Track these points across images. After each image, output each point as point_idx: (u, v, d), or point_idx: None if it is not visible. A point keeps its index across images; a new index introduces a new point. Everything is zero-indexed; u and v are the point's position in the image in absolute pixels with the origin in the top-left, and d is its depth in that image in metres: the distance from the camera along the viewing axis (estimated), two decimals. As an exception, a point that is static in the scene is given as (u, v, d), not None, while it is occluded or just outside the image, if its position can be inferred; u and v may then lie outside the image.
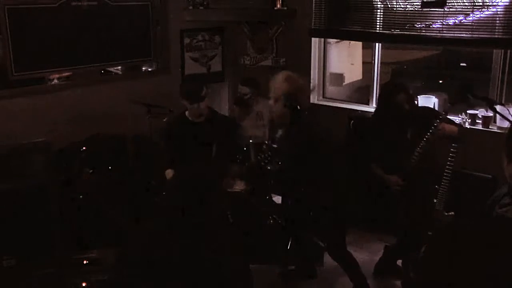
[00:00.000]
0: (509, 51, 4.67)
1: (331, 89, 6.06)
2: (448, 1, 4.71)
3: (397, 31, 5.10)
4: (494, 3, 4.52)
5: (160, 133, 4.66)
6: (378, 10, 5.21)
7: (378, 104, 4.57)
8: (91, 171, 4.73)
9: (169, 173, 4.17)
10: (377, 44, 5.49)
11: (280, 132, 3.86)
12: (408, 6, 5.01)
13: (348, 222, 4.12)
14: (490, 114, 4.72)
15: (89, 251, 3.90)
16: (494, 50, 4.74)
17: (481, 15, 4.59)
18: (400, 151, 3.95)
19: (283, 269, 4.41)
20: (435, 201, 3.86)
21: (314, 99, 5.95)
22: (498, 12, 4.52)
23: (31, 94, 4.82)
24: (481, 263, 1.34)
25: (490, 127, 4.75)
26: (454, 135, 3.75)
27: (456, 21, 4.72)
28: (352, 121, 5.19)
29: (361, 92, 6.04)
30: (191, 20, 5.85)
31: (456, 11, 4.71)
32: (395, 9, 5.10)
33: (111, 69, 5.54)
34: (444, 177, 3.79)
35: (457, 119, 4.73)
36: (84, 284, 3.60)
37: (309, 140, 3.63)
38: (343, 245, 3.91)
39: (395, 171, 3.98)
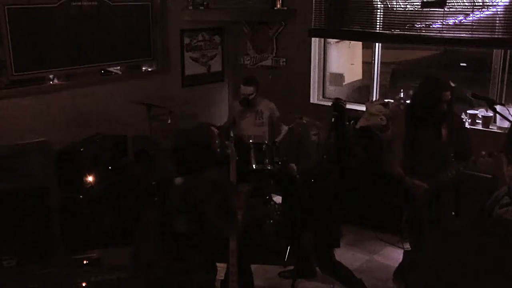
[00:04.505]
0: (509, 51, 4.67)
1: (331, 89, 6.06)
2: (448, 1, 4.71)
3: (397, 31, 5.10)
4: (494, 3, 4.52)
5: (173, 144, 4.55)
6: (378, 10, 5.21)
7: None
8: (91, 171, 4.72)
9: (179, 181, 4.13)
10: (377, 44, 5.49)
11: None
12: (408, 6, 5.01)
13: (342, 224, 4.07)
14: (490, 114, 4.71)
15: (89, 251, 3.90)
16: (494, 50, 4.74)
17: (481, 15, 4.59)
18: (434, 154, 3.74)
19: (283, 269, 4.42)
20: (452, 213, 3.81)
21: (314, 99, 5.96)
22: (498, 12, 4.52)
23: (31, 94, 4.82)
24: (481, 263, 1.34)
25: (490, 127, 4.75)
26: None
27: (456, 21, 4.71)
28: (352, 121, 5.19)
29: (361, 92, 6.04)
30: (191, 20, 5.86)
31: (456, 11, 4.71)
32: (395, 9, 5.10)
33: (111, 69, 5.53)
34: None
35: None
36: (84, 284, 3.60)
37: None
38: (331, 258, 3.90)
39: (424, 176, 3.73)
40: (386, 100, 5.17)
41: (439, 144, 3.78)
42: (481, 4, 4.57)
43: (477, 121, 4.81)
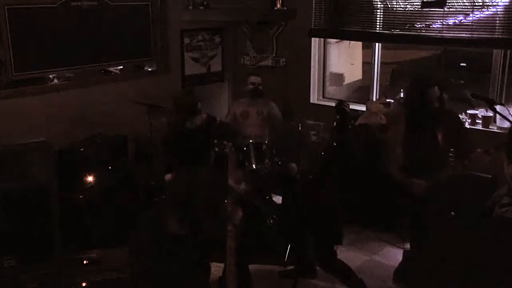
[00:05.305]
0: (509, 51, 4.67)
1: (331, 89, 6.07)
2: (448, 1, 4.71)
3: (397, 31, 5.10)
4: (494, 3, 4.52)
5: (160, 140, 4.67)
6: (378, 10, 5.22)
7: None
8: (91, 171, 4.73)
9: (168, 177, 4.18)
10: (377, 44, 5.50)
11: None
12: (408, 6, 5.01)
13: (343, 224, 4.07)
14: (490, 114, 4.72)
15: (89, 251, 3.90)
16: (494, 50, 4.74)
17: (481, 15, 4.59)
18: (429, 153, 3.77)
19: (283, 269, 4.41)
20: (452, 213, 3.80)
21: (314, 99, 5.96)
22: (498, 12, 4.52)
23: (31, 94, 4.81)
24: (481, 262, 1.35)
25: (490, 127, 4.75)
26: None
27: (456, 21, 4.72)
28: (352, 121, 5.19)
29: (361, 92, 6.04)
30: (191, 20, 5.86)
31: (456, 11, 4.72)
32: (395, 9, 5.10)
33: (111, 69, 5.53)
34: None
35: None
36: (84, 284, 3.61)
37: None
38: (333, 257, 3.90)
39: (421, 175, 3.76)
40: (387, 100, 5.17)
41: (436, 144, 3.78)
42: (481, 4, 4.57)
43: (477, 121, 4.81)
